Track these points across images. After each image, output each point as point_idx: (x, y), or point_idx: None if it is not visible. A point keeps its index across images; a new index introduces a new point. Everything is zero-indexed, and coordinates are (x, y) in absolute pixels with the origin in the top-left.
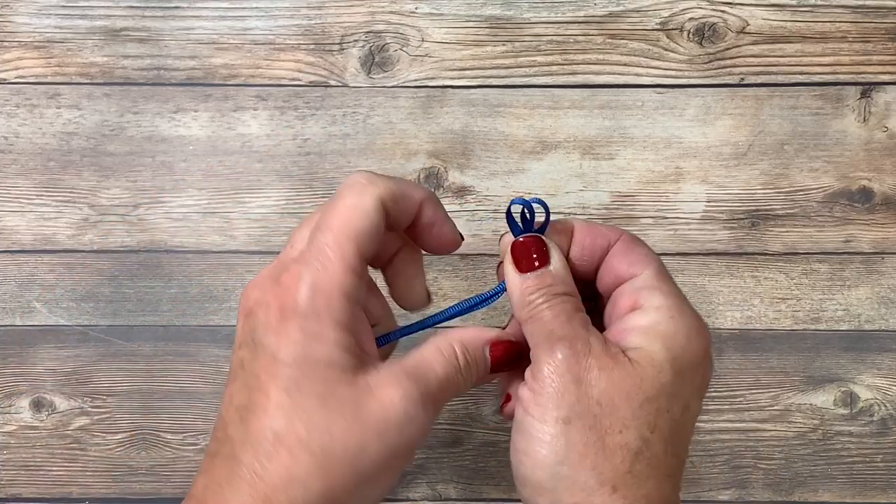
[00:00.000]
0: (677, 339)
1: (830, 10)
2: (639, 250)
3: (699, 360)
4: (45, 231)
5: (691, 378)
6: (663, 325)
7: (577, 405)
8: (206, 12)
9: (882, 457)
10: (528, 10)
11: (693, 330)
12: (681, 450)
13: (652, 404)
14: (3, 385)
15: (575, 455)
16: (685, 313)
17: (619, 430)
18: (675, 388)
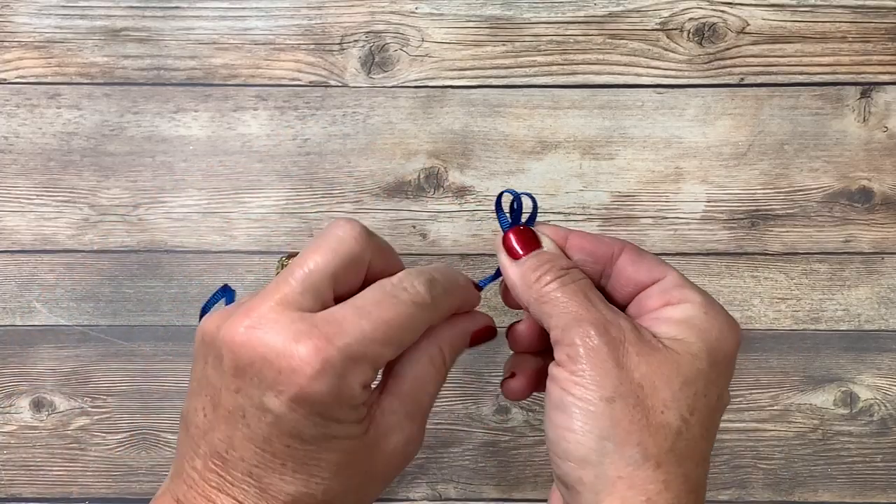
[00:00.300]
0: (712, 332)
1: (830, 10)
2: (650, 257)
3: (732, 353)
4: (46, 231)
5: (724, 370)
6: (698, 319)
7: (621, 387)
8: (206, 12)
9: (882, 457)
10: (528, 10)
11: (726, 325)
12: (713, 435)
13: (690, 388)
14: (3, 385)
15: (621, 431)
16: (718, 310)
17: (660, 410)
18: (710, 376)
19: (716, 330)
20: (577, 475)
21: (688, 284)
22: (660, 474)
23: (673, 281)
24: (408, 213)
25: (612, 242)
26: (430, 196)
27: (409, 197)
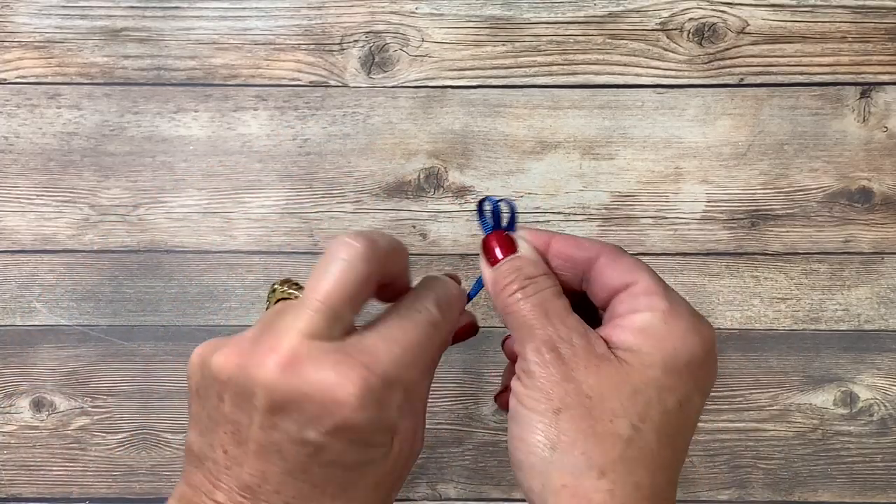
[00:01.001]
0: (668, 341)
1: (830, 11)
2: (626, 260)
3: (698, 358)
4: (46, 231)
5: (689, 376)
6: (656, 329)
7: (567, 398)
8: (206, 12)
9: (882, 457)
10: (528, 10)
11: (689, 331)
12: (678, 442)
13: (641, 395)
14: (4, 385)
15: (566, 440)
16: (680, 315)
17: (609, 419)
18: (666, 384)
19: (674, 338)
20: (528, 484)
21: (657, 290)
22: (604, 483)
23: (643, 287)
24: (408, 213)
25: (591, 247)
26: (430, 196)
27: (409, 197)
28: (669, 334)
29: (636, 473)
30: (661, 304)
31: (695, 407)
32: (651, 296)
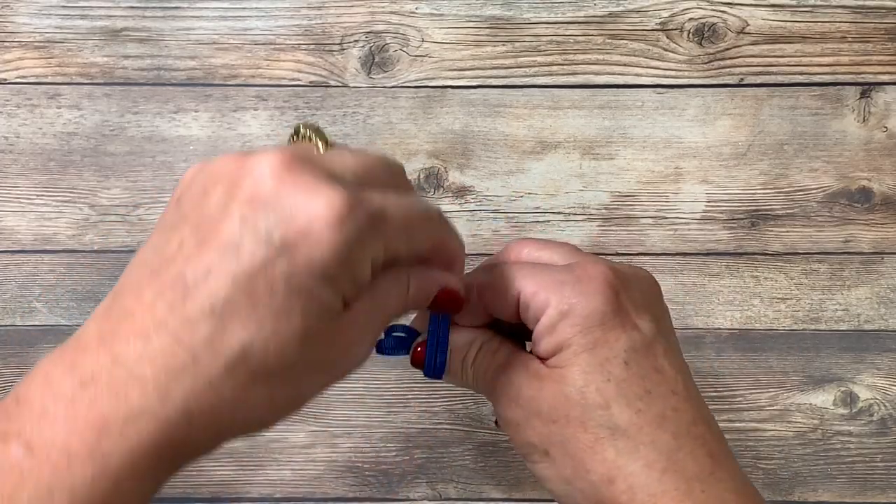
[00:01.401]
0: (576, 323)
1: (830, 11)
2: (502, 281)
3: (608, 310)
4: (46, 231)
5: (614, 333)
6: (560, 324)
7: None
8: (206, 12)
9: (882, 457)
10: (528, 10)
11: (583, 300)
12: (655, 389)
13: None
14: (3, 385)
15: (570, 473)
16: (567, 295)
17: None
18: (599, 359)
19: (578, 314)
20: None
21: (539, 288)
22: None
23: (526, 295)
24: None
25: (509, 294)
26: (430, 196)
27: None
28: (571, 319)
29: (639, 455)
30: (550, 298)
31: (641, 344)
32: (536, 296)
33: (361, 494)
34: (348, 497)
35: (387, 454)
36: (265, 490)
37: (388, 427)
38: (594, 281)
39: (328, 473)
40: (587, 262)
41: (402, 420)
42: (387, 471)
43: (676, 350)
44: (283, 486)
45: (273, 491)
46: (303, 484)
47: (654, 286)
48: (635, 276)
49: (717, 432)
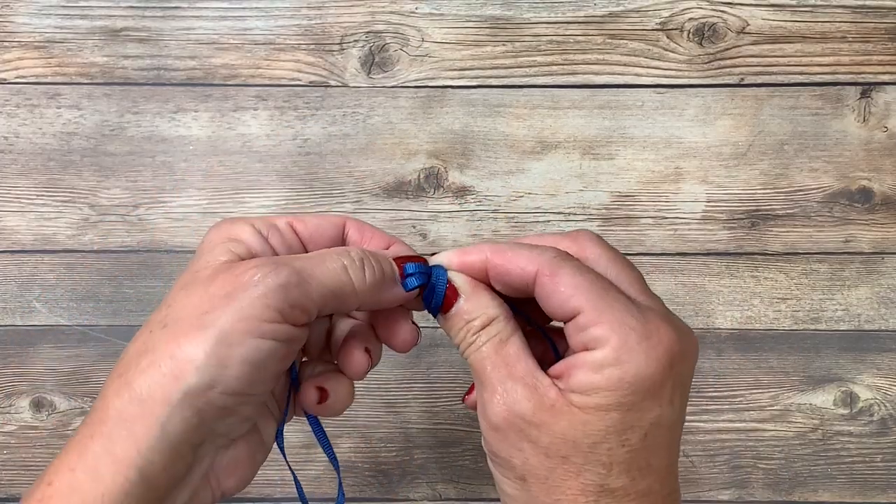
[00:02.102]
0: (625, 379)
1: (830, 10)
2: (565, 280)
3: (658, 379)
4: (46, 231)
5: (651, 403)
6: (610, 368)
7: (528, 463)
8: (206, 12)
9: (882, 457)
10: (528, 10)
11: (643, 360)
12: (656, 463)
13: (601, 447)
14: (3, 385)
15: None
16: (630, 345)
17: (575, 474)
18: (626, 424)
19: (630, 374)
20: None
21: (603, 319)
22: None
23: (588, 318)
24: (408, 213)
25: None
26: (430, 196)
27: (409, 197)
28: (625, 371)
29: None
30: (612, 338)
31: (667, 423)
32: (599, 327)
33: (361, 494)
34: (348, 497)
35: (387, 454)
36: (265, 490)
37: (388, 427)
38: (661, 346)
39: (328, 473)
40: (659, 319)
41: (402, 420)
42: (387, 471)
43: (682, 425)
44: (284, 486)
45: (273, 491)
46: (303, 484)
47: (696, 357)
48: (691, 350)
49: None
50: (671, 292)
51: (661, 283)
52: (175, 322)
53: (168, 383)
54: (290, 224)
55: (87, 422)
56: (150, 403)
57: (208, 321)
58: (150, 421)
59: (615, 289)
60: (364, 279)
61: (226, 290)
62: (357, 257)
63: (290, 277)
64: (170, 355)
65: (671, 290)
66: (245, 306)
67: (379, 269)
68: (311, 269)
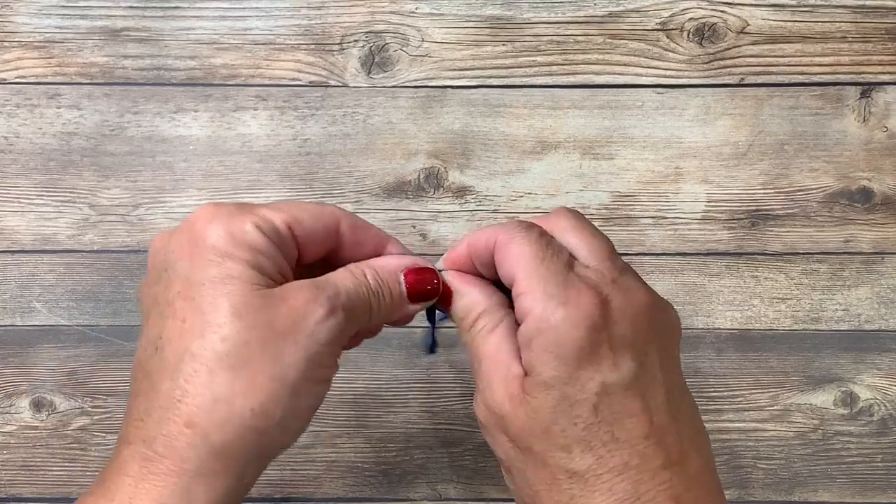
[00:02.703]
0: (548, 350)
1: (830, 10)
2: (510, 252)
3: (587, 346)
4: (46, 231)
5: (589, 371)
6: (536, 342)
7: (508, 455)
8: (206, 12)
9: (882, 457)
10: (528, 10)
11: (562, 326)
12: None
13: (553, 429)
14: (3, 385)
15: (526, 499)
16: (548, 312)
17: (542, 463)
18: (569, 399)
19: (552, 340)
20: None
21: (530, 289)
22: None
23: (518, 288)
24: (408, 213)
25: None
26: (430, 196)
27: (409, 197)
28: (546, 340)
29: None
30: (533, 308)
31: (618, 387)
32: (525, 296)
33: (361, 494)
34: (348, 497)
35: (387, 454)
36: (265, 490)
37: (388, 427)
38: (578, 310)
39: (328, 473)
40: (585, 286)
41: (402, 420)
42: (387, 471)
43: (668, 387)
44: (283, 486)
45: (273, 491)
46: (303, 484)
47: (652, 318)
48: (630, 309)
49: (692, 472)
50: (671, 292)
51: (661, 283)
52: (243, 364)
53: (248, 437)
54: (289, 226)
55: (152, 469)
56: (232, 460)
57: (282, 372)
58: (231, 476)
59: (554, 258)
60: (378, 309)
61: (289, 328)
62: (374, 287)
63: (343, 322)
64: (250, 409)
65: (671, 290)
66: (313, 355)
67: (390, 298)
68: (353, 305)
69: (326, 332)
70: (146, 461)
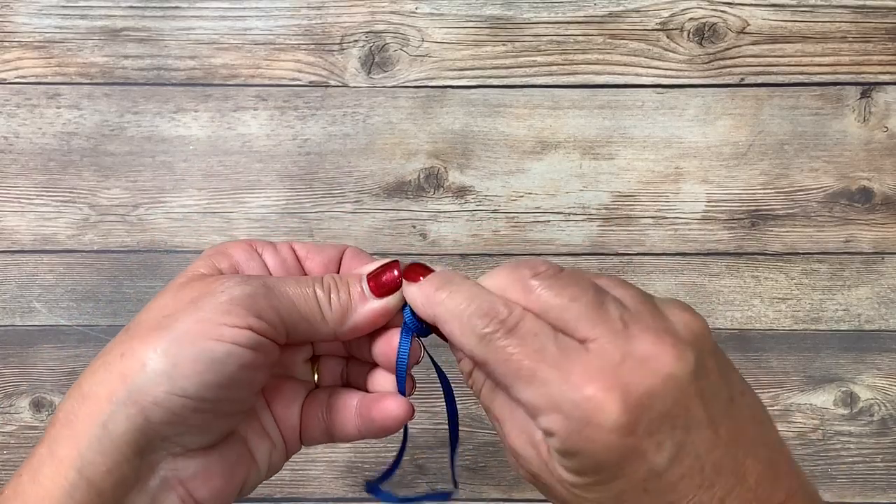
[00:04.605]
0: (589, 466)
1: (830, 10)
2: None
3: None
4: (45, 231)
5: (634, 465)
6: (572, 462)
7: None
8: (206, 12)
9: (882, 457)
10: (528, 10)
11: (598, 448)
12: None
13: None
14: (3, 385)
15: None
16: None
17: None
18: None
19: (592, 462)
20: None
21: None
22: None
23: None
24: (408, 213)
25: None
26: (430, 196)
27: (409, 197)
28: (583, 461)
29: None
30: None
31: (661, 467)
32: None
33: (361, 495)
34: (348, 497)
35: (387, 454)
36: (265, 490)
37: None
38: (607, 422)
39: (328, 473)
40: (596, 382)
41: None
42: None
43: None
44: (283, 486)
45: (273, 491)
46: (303, 484)
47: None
48: (659, 386)
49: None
50: (671, 292)
51: (661, 283)
52: (137, 325)
53: (114, 381)
54: (290, 245)
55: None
56: (94, 401)
57: (165, 322)
58: (92, 420)
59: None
60: (329, 306)
61: (192, 296)
62: (326, 283)
63: (258, 289)
64: (120, 354)
65: (671, 290)
66: (206, 309)
67: (346, 292)
68: (281, 286)
69: (228, 293)
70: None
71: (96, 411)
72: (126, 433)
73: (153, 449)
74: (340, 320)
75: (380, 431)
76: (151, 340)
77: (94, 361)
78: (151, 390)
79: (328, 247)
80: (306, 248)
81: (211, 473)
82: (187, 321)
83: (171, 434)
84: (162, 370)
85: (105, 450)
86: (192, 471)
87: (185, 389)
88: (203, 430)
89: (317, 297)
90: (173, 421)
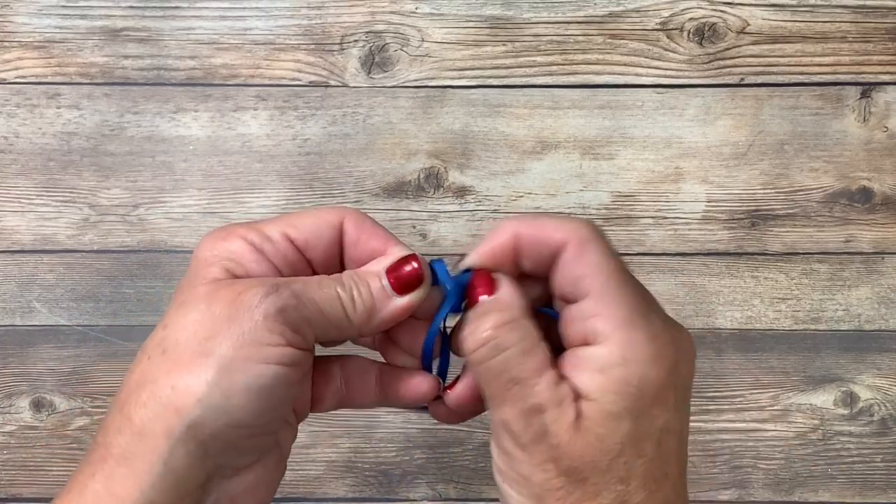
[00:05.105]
0: (632, 383)
1: (830, 10)
2: (587, 259)
3: (664, 385)
4: (45, 231)
5: (660, 409)
6: (615, 371)
7: (549, 483)
8: (206, 12)
9: (882, 457)
10: (528, 10)
11: (650, 363)
12: (671, 471)
13: (618, 461)
14: (3, 385)
15: None
16: (636, 345)
17: (593, 495)
18: (639, 433)
19: (638, 374)
20: None
21: (610, 312)
22: None
23: (592, 306)
24: (408, 213)
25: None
26: (430, 196)
27: (409, 197)
28: (629, 372)
29: None
30: (613, 335)
31: (675, 429)
32: (601, 319)
33: (361, 494)
34: (348, 497)
35: (387, 454)
36: None
37: (388, 427)
38: (666, 349)
39: (328, 473)
40: (661, 323)
41: (402, 420)
42: (387, 471)
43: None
44: (283, 486)
45: None
46: (303, 484)
47: (694, 362)
48: (689, 353)
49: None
50: (671, 292)
51: (661, 283)
52: (174, 347)
53: (169, 416)
54: (284, 234)
55: (89, 459)
56: (151, 438)
57: (209, 348)
58: (152, 458)
59: (634, 283)
60: (354, 308)
61: (227, 311)
62: (346, 284)
63: (289, 300)
64: (171, 386)
65: (671, 290)
66: (247, 331)
67: (367, 292)
68: (307, 293)
69: (264, 308)
70: (88, 453)
71: (155, 448)
72: (187, 469)
73: (210, 478)
74: (366, 322)
75: (405, 406)
76: (199, 371)
77: (132, 381)
78: (209, 425)
79: (321, 221)
80: (298, 228)
81: (258, 485)
82: (231, 346)
83: (226, 461)
84: (217, 405)
85: (168, 487)
86: (242, 487)
87: (240, 420)
88: (254, 449)
89: (340, 300)
90: (229, 449)
